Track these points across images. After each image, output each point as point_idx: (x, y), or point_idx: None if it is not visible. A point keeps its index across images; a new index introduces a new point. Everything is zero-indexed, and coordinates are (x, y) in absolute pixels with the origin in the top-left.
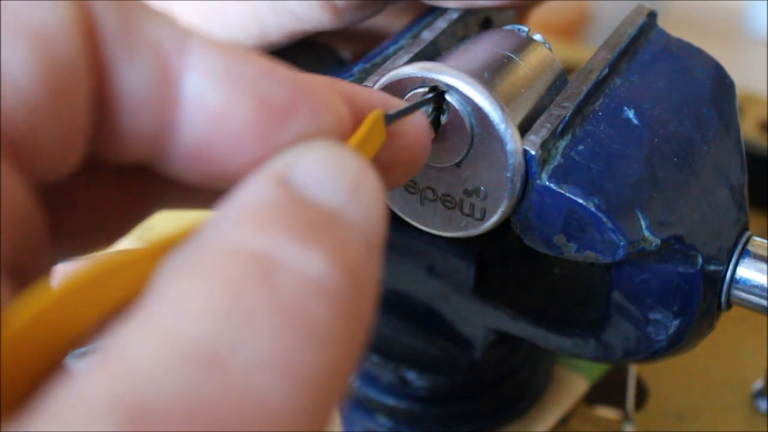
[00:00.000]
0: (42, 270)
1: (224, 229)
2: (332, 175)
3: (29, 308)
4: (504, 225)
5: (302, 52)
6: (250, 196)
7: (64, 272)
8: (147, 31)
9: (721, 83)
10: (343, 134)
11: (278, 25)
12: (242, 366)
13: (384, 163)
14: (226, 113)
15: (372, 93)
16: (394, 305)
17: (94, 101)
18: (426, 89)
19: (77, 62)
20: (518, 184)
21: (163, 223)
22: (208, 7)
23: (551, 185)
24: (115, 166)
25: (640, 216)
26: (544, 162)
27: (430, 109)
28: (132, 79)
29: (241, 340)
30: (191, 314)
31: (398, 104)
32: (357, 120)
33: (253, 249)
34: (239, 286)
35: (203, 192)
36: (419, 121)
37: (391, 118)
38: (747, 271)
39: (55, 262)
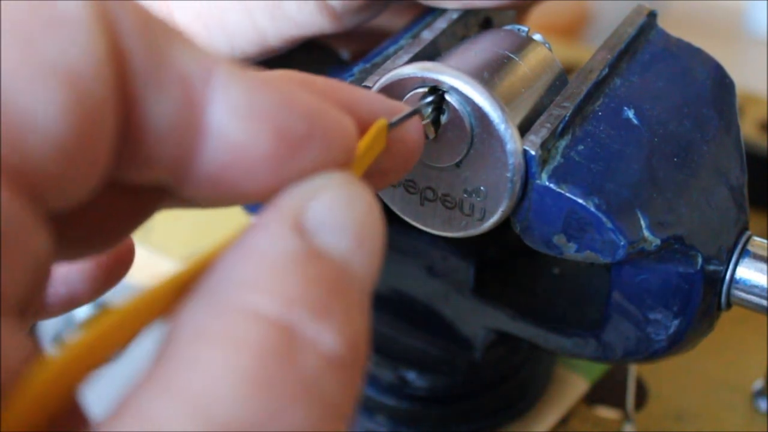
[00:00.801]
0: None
1: (245, 288)
2: (343, 219)
3: (50, 367)
4: (504, 225)
5: (302, 52)
6: (267, 246)
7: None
8: (175, 62)
9: (721, 83)
10: (351, 154)
11: (277, 31)
12: None
13: (378, 168)
14: (246, 145)
15: (373, 97)
16: (394, 305)
17: (120, 134)
18: (426, 89)
19: (108, 101)
20: (518, 184)
21: (163, 225)
22: (207, 14)
23: (551, 185)
24: (130, 186)
25: (640, 216)
26: (544, 162)
27: (430, 110)
28: (158, 112)
29: (270, 418)
30: (221, 387)
31: (396, 107)
32: (359, 126)
33: (275, 319)
34: (266, 361)
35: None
36: (415, 126)
37: (392, 126)
38: (747, 271)
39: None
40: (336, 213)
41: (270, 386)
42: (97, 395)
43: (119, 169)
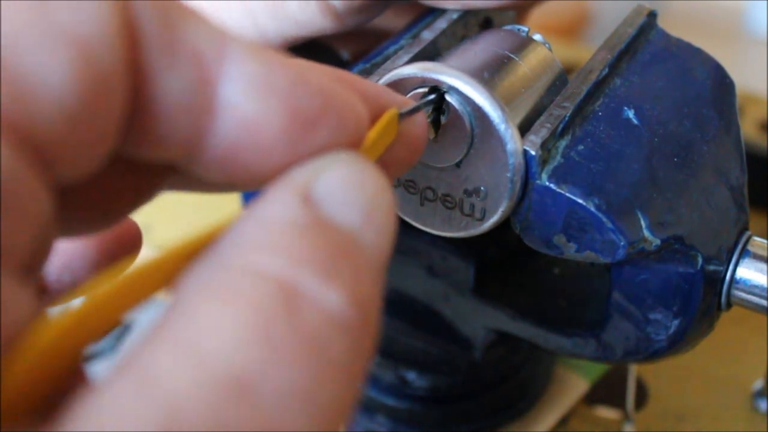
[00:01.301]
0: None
1: (251, 248)
2: (352, 194)
3: (54, 327)
4: (504, 225)
5: (302, 52)
6: (275, 212)
7: (87, 288)
8: (187, 37)
9: (721, 83)
10: (362, 137)
11: (278, 30)
12: (269, 396)
13: (385, 159)
14: (259, 122)
15: (380, 89)
16: (394, 305)
17: (130, 108)
18: (426, 89)
19: (117, 72)
20: (518, 184)
21: (163, 225)
22: (208, 13)
23: (551, 185)
24: (140, 163)
25: (640, 216)
26: (544, 162)
27: (430, 109)
28: (170, 87)
29: (269, 372)
30: (222, 340)
31: (401, 100)
32: (369, 115)
33: (279, 277)
34: (267, 316)
35: (218, 184)
36: (420, 120)
37: (402, 116)
38: (747, 271)
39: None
40: (345, 187)
41: (270, 340)
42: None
43: (128, 144)
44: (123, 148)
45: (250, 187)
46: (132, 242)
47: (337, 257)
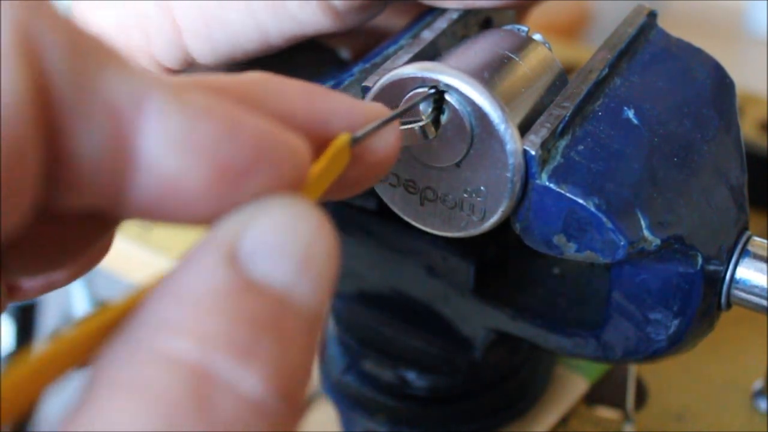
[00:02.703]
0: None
1: (161, 329)
2: (284, 244)
3: None
4: (504, 225)
5: (302, 52)
6: (192, 281)
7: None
8: (103, 88)
9: (721, 83)
10: (302, 175)
11: (279, 29)
12: None
13: (346, 180)
14: (180, 178)
15: (349, 104)
16: (394, 305)
17: (46, 164)
18: (426, 89)
19: (28, 138)
20: (518, 184)
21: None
22: (208, 12)
23: (551, 185)
24: (68, 212)
25: (640, 216)
26: (544, 162)
27: (430, 110)
28: (85, 143)
29: None
30: None
31: (375, 113)
32: (330, 136)
33: (189, 363)
34: (175, 409)
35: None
36: (388, 136)
37: (357, 140)
38: (747, 271)
39: (15, 278)
40: (275, 238)
41: None
42: None
43: (52, 196)
44: (48, 200)
45: (196, 225)
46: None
47: (261, 329)
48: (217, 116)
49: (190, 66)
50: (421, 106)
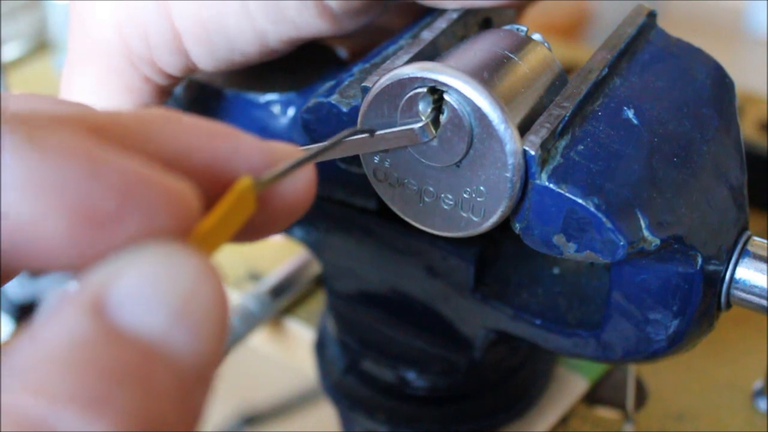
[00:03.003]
0: None
1: (8, 384)
2: (157, 293)
3: None
4: (504, 225)
5: (302, 52)
6: (50, 332)
7: None
8: None
9: (721, 83)
10: (186, 222)
11: (277, 33)
12: None
13: (257, 224)
14: (34, 225)
15: (257, 147)
16: (394, 305)
17: None
18: (425, 89)
19: None
20: (518, 184)
21: None
22: (207, 17)
23: (551, 185)
24: None
25: (639, 216)
26: (543, 162)
27: (430, 109)
28: None
29: None
30: None
31: (288, 153)
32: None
33: (30, 417)
34: None
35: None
36: (299, 180)
37: (262, 184)
38: (747, 271)
39: None
40: (148, 287)
41: None
42: None
43: None
44: None
45: (68, 271)
46: None
47: (118, 380)
48: (75, 157)
49: (191, 72)
50: (421, 106)
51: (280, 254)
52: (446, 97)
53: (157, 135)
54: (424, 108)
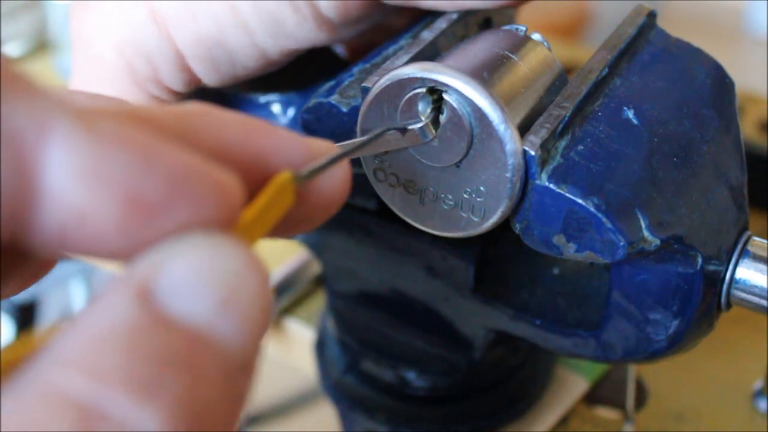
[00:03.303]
0: None
1: (57, 366)
2: (203, 282)
3: None
4: (504, 225)
5: (302, 53)
6: (100, 318)
7: None
8: (5, 118)
9: (721, 83)
10: (231, 214)
11: (277, 47)
12: None
13: (294, 219)
14: (86, 212)
15: (293, 142)
16: (394, 305)
17: None
18: (425, 89)
19: None
20: (518, 185)
21: None
22: (207, 36)
23: (551, 185)
24: None
25: (639, 216)
26: (543, 162)
27: (429, 109)
28: None
29: None
30: None
31: (324, 150)
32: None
33: (78, 399)
34: None
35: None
36: (335, 176)
37: (301, 179)
38: (747, 272)
39: None
40: (195, 275)
41: None
42: None
43: None
44: None
45: (114, 261)
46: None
47: (167, 366)
48: (129, 146)
49: (197, 87)
50: (421, 107)
51: (280, 254)
52: (446, 97)
53: (197, 129)
54: (424, 108)
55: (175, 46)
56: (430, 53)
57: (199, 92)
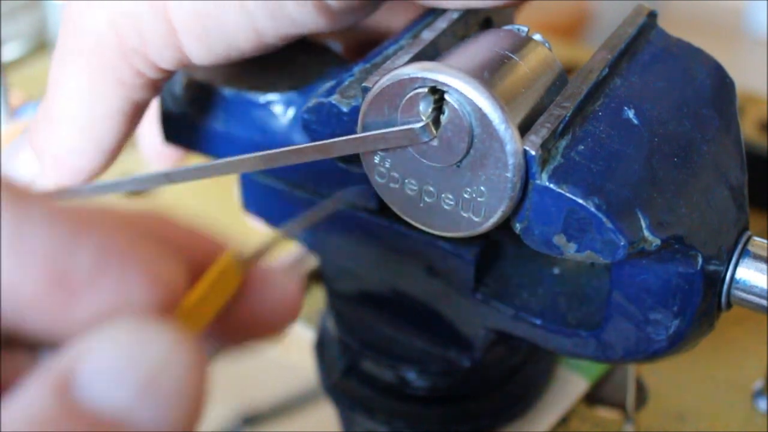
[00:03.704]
0: None
1: None
2: (123, 368)
3: None
4: (504, 225)
5: (302, 52)
6: (19, 407)
7: None
8: None
9: (721, 83)
10: (171, 297)
11: (275, 30)
12: None
13: (243, 319)
14: (12, 285)
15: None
16: (394, 305)
17: None
18: (426, 89)
19: None
20: (518, 185)
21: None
22: (205, 14)
23: (551, 185)
24: None
25: (640, 216)
26: (544, 162)
27: (430, 109)
28: None
29: None
30: None
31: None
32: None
33: None
34: None
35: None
36: (288, 282)
37: (246, 260)
38: (747, 272)
39: None
40: (115, 361)
41: None
42: None
43: None
44: None
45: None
46: None
47: None
48: (58, 222)
49: (184, 65)
50: (421, 106)
51: (277, 252)
52: (447, 97)
53: (150, 224)
54: (425, 108)
55: (169, 21)
56: (431, 53)
57: (200, 94)
